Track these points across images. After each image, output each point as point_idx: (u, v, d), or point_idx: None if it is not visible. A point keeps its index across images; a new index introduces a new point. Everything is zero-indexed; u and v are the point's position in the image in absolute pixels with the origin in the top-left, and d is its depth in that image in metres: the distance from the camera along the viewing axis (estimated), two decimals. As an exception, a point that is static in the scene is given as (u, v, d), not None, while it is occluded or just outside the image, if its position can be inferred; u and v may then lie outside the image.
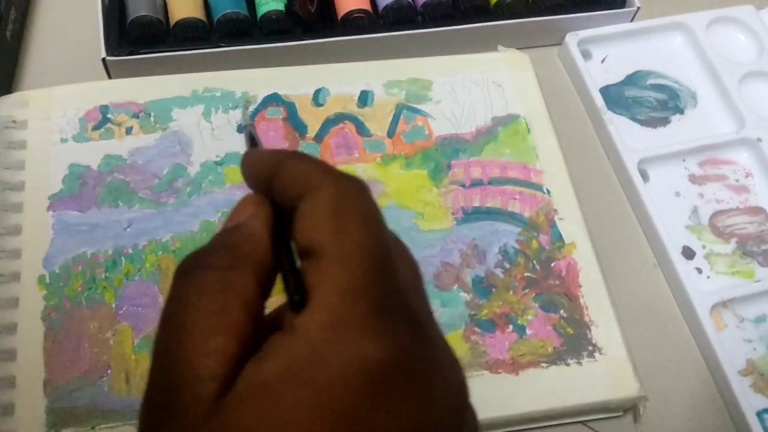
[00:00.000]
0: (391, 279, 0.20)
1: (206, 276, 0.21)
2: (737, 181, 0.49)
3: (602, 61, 0.54)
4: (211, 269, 0.21)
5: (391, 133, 0.47)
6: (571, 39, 0.53)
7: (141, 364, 0.38)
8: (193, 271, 0.21)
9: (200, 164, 0.44)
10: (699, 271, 0.46)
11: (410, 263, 0.23)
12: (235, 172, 0.44)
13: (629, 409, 0.41)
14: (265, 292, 0.22)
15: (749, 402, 0.41)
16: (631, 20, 0.54)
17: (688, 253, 0.46)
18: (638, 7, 0.53)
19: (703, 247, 0.47)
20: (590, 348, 0.41)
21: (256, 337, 0.20)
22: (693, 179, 0.49)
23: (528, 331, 0.41)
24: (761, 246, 0.47)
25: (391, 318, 0.20)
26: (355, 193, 0.21)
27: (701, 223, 0.48)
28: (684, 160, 0.50)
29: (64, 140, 0.44)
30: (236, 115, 0.46)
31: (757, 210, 0.48)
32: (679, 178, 0.49)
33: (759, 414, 0.41)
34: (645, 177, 0.48)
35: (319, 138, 0.46)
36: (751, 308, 0.44)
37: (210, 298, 0.20)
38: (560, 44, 0.53)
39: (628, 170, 0.48)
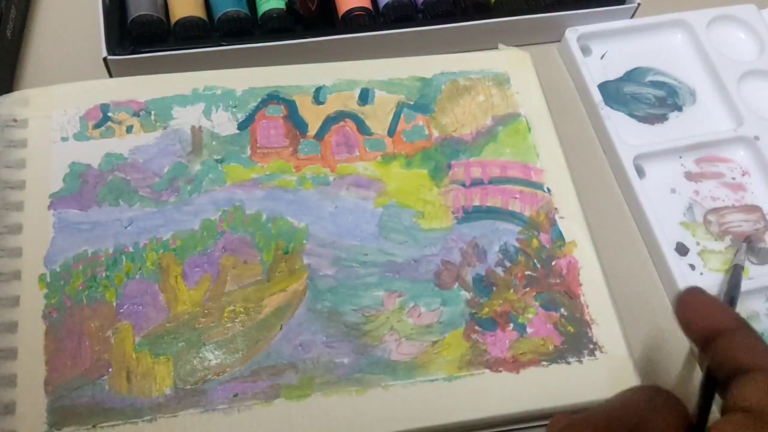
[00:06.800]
0: None
1: None
2: (733, 179, 0.49)
3: (602, 57, 0.54)
4: None
5: (391, 132, 0.47)
6: (571, 35, 0.53)
7: (142, 363, 0.38)
8: None
9: (201, 162, 0.44)
10: (692, 267, 0.46)
11: None
12: (235, 170, 0.44)
13: (630, 407, 0.41)
14: None
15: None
16: (632, 17, 0.54)
17: (682, 250, 0.46)
18: (638, 4, 0.53)
19: (697, 243, 0.47)
20: (591, 346, 0.41)
21: None
22: (689, 176, 0.49)
23: (529, 330, 0.41)
24: (756, 244, 0.47)
25: None
26: None
27: (696, 220, 0.48)
28: (680, 157, 0.50)
29: (64, 139, 0.44)
30: (236, 114, 0.46)
31: (752, 208, 0.48)
32: (675, 174, 0.49)
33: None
34: (641, 173, 0.48)
35: (319, 136, 0.46)
36: (744, 305, 0.44)
37: None
38: (560, 41, 0.53)
39: (623, 166, 0.48)
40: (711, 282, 0.45)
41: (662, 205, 0.48)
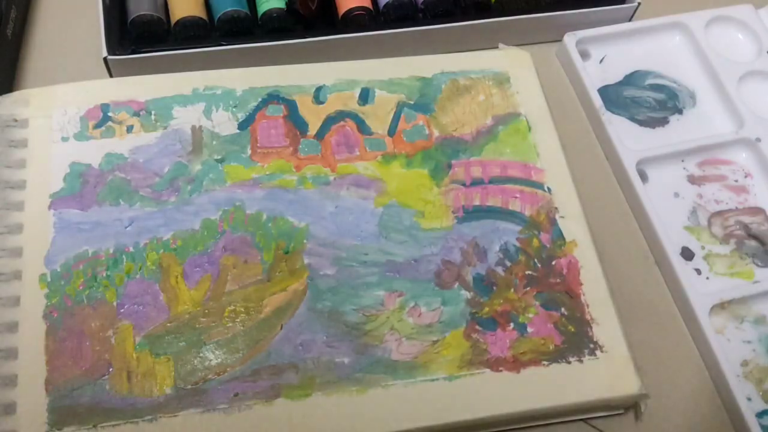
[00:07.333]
0: None
1: None
2: (736, 181, 0.49)
3: (601, 61, 0.54)
4: None
5: (391, 132, 0.47)
6: (570, 39, 0.52)
7: (142, 363, 0.38)
8: None
9: (201, 162, 0.44)
10: (698, 272, 0.46)
11: None
12: (235, 170, 0.44)
13: (630, 407, 0.41)
14: None
15: (748, 404, 0.41)
16: (632, 16, 0.54)
17: (687, 254, 0.46)
18: (639, 3, 0.53)
19: (702, 248, 0.47)
20: (591, 346, 0.41)
21: None
22: (692, 180, 0.49)
23: (529, 329, 0.41)
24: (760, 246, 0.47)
25: None
26: None
27: (700, 223, 0.48)
28: (683, 161, 0.50)
29: (65, 139, 0.44)
30: (237, 113, 0.46)
31: (756, 210, 0.48)
32: (678, 178, 0.49)
33: (758, 415, 0.41)
34: (644, 177, 0.48)
35: (320, 136, 0.46)
36: (750, 309, 0.44)
37: None
38: (561, 41, 0.53)
39: (626, 171, 0.48)
40: (718, 286, 0.45)
41: (666, 209, 0.48)
